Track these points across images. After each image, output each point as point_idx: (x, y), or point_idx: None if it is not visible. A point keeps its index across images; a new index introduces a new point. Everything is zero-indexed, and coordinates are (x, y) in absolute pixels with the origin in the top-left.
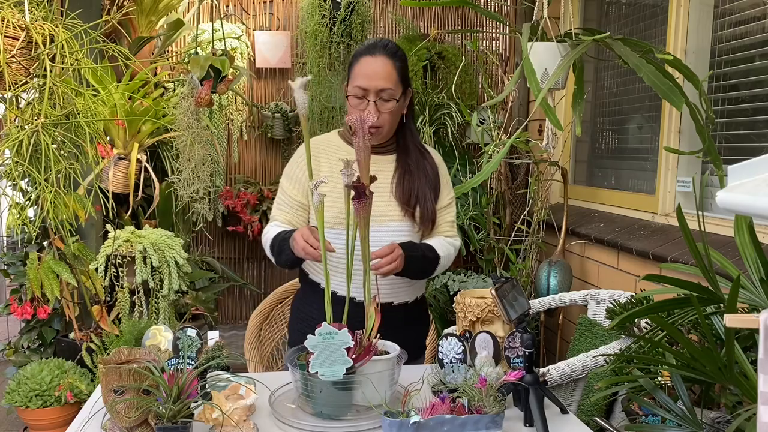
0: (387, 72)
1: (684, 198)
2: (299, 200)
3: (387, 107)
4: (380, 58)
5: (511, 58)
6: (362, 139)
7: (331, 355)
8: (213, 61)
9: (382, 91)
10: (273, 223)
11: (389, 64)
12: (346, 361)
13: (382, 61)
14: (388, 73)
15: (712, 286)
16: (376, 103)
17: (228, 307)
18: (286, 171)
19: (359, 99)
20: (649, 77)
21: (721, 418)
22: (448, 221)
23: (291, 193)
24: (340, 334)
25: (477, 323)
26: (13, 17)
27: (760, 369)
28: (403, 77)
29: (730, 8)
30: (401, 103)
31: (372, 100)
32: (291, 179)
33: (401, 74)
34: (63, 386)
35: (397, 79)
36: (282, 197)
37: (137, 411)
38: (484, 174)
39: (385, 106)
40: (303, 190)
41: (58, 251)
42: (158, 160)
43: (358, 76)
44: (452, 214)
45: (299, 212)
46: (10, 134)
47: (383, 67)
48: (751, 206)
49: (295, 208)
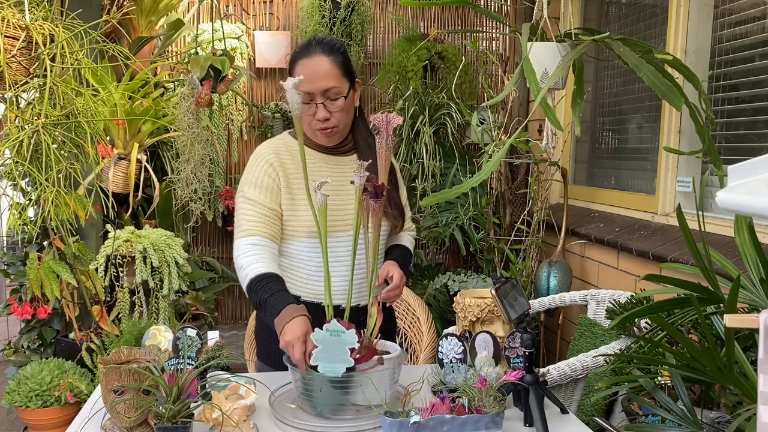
0: (327, 70)
1: (684, 198)
2: (273, 208)
3: (337, 106)
4: (317, 57)
5: (511, 58)
6: (386, 139)
7: (335, 352)
8: (213, 61)
9: (327, 91)
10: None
11: (327, 60)
12: (347, 361)
13: (319, 59)
14: (328, 71)
15: (712, 286)
16: (325, 104)
17: (228, 307)
18: (249, 179)
19: (306, 104)
20: (649, 77)
21: (721, 418)
22: (409, 215)
23: (264, 203)
24: (348, 333)
25: (477, 323)
26: (13, 17)
27: (760, 369)
28: (346, 71)
29: (730, 8)
30: (351, 98)
31: (320, 102)
32: (260, 187)
33: (343, 68)
34: (63, 386)
35: (340, 74)
36: (251, 208)
37: (137, 411)
38: (483, 173)
39: (335, 105)
40: (275, 198)
41: (58, 251)
42: (158, 160)
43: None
44: (408, 207)
45: (276, 222)
46: (11, 134)
47: (322, 66)
48: (751, 206)
49: (272, 219)
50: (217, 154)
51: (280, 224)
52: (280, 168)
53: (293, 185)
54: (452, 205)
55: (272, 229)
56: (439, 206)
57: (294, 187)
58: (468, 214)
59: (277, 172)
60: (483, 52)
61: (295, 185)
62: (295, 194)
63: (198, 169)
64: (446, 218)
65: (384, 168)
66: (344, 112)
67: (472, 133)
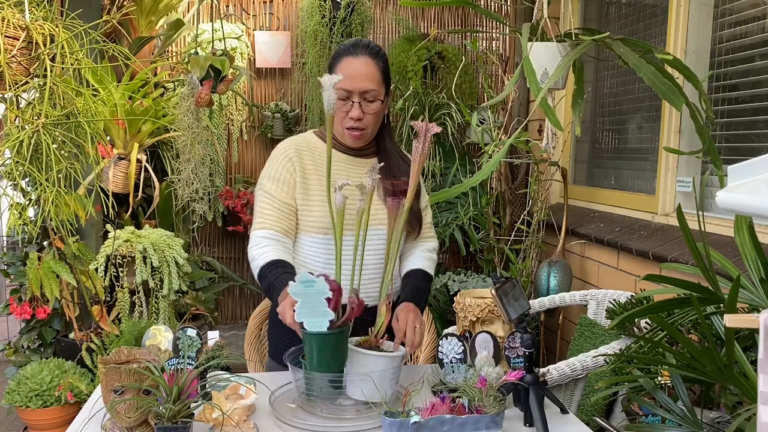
0: (370, 72)
1: (684, 198)
2: (289, 203)
3: (372, 108)
4: (362, 58)
5: (511, 58)
6: (423, 144)
7: (314, 305)
8: (213, 61)
9: (366, 92)
10: (265, 232)
11: (372, 64)
12: (327, 313)
13: (365, 61)
14: (371, 74)
15: (712, 286)
16: (360, 104)
17: (228, 307)
18: (269, 174)
19: (343, 101)
20: (649, 77)
21: (721, 418)
22: (429, 222)
23: (280, 197)
24: (318, 282)
25: (477, 323)
26: (13, 17)
27: (760, 369)
28: (385, 77)
29: (730, 8)
30: (384, 104)
31: (356, 101)
32: (277, 181)
33: (384, 74)
34: (63, 386)
35: (380, 79)
36: (268, 202)
37: (137, 411)
38: (483, 173)
39: (370, 107)
40: (291, 192)
41: (58, 251)
42: (158, 160)
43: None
44: (430, 216)
45: (290, 217)
46: (11, 134)
47: (366, 68)
48: (751, 206)
49: (287, 213)
50: (217, 154)
51: (295, 219)
52: (299, 163)
53: (309, 181)
54: (452, 205)
55: (285, 223)
56: (439, 206)
57: (310, 184)
58: (468, 214)
59: (295, 167)
60: (483, 52)
61: (311, 181)
62: (310, 190)
63: (198, 169)
64: (446, 218)
65: (416, 171)
66: (376, 116)
67: (472, 133)
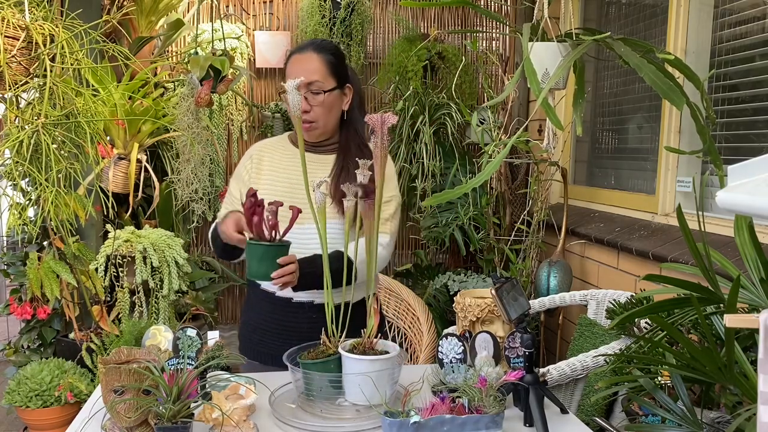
0: (314, 65)
1: (684, 198)
2: (239, 198)
3: (317, 100)
4: (307, 53)
5: (511, 58)
6: (380, 138)
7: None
8: (213, 61)
9: (310, 84)
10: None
11: (316, 57)
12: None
13: (309, 55)
14: (315, 66)
15: (712, 286)
16: (306, 96)
17: (228, 307)
18: (235, 172)
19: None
20: (650, 77)
21: (721, 418)
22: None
23: (233, 192)
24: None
25: (477, 323)
26: (13, 17)
27: (760, 369)
28: (334, 71)
29: (730, 8)
30: (334, 97)
31: (301, 94)
32: (236, 180)
33: (331, 68)
34: (63, 386)
35: (326, 72)
36: (228, 198)
37: (137, 411)
38: (484, 175)
39: (315, 99)
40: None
41: (58, 251)
42: (158, 160)
43: (289, 73)
44: (388, 212)
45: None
46: (11, 134)
47: (309, 61)
48: (751, 206)
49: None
50: (217, 154)
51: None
52: (257, 161)
53: (262, 178)
54: (452, 205)
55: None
56: (439, 206)
57: (262, 180)
58: (468, 214)
59: (252, 165)
60: (483, 52)
61: (264, 179)
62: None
63: (198, 169)
64: (446, 218)
65: (380, 167)
66: (324, 108)
67: (472, 133)
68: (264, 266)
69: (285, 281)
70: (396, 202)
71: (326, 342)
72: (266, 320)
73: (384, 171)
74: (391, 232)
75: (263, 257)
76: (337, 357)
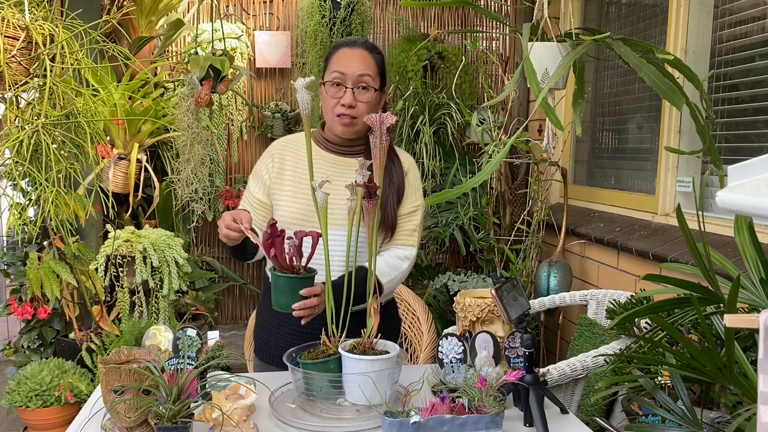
0: (366, 61)
1: (684, 198)
2: (260, 199)
3: (365, 97)
4: (359, 49)
5: (511, 58)
6: (379, 138)
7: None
8: (213, 61)
9: (361, 78)
10: None
11: (368, 55)
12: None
13: (361, 52)
14: (367, 63)
15: (712, 286)
16: (354, 91)
17: (228, 307)
18: (254, 169)
19: (336, 87)
20: (650, 77)
21: (721, 418)
22: (409, 229)
23: (253, 191)
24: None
25: (477, 323)
26: (13, 17)
27: (760, 369)
28: (381, 73)
29: (730, 8)
30: (378, 97)
31: (349, 87)
32: (255, 177)
33: (379, 68)
34: (63, 386)
35: (375, 70)
36: (246, 195)
37: (137, 411)
38: (484, 174)
39: (363, 95)
40: (265, 189)
41: (58, 251)
42: (158, 160)
43: (337, 62)
44: (414, 222)
45: (259, 211)
46: (11, 134)
47: (362, 57)
48: (751, 206)
49: (256, 207)
50: (217, 154)
51: (266, 213)
52: (279, 160)
53: (285, 178)
54: (452, 205)
55: (255, 216)
56: (439, 206)
57: (285, 180)
58: (468, 214)
59: (274, 164)
60: (483, 52)
61: (287, 178)
62: (284, 186)
63: (198, 169)
64: (446, 218)
65: (379, 167)
66: (368, 106)
67: (472, 133)
68: (285, 298)
69: (307, 314)
70: (421, 212)
71: (326, 342)
72: (282, 324)
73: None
74: (417, 244)
75: (284, 289)
76: (337, 357)
